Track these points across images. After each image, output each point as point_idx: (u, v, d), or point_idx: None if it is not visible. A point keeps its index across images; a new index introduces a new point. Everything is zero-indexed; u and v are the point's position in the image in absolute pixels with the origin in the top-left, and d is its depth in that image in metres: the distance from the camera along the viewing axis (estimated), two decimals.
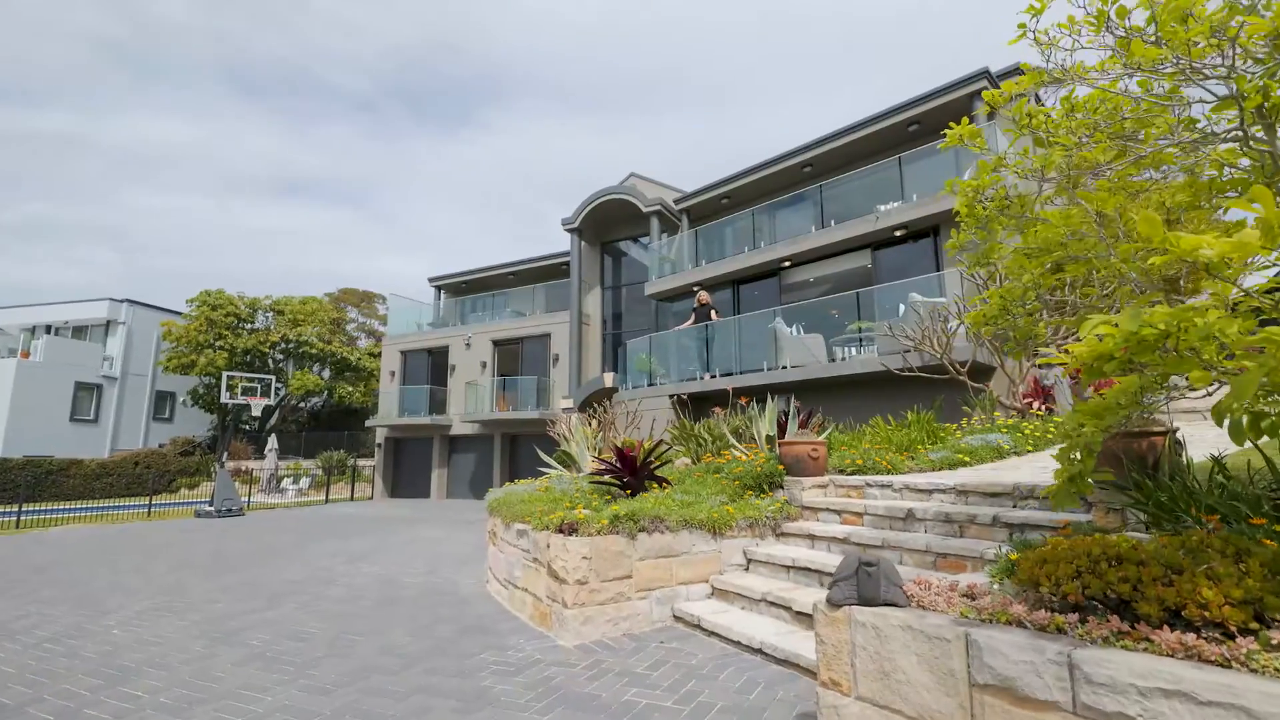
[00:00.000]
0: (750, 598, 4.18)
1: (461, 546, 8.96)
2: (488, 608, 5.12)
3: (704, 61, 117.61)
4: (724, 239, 15.28)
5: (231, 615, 5.06)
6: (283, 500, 19.74)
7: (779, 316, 10.47)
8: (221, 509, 14.74)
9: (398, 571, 6.96)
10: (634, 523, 4.38)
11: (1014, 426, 6.28)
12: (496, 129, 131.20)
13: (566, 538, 4.22)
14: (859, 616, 2.08)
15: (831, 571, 4.03)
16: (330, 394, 32.87)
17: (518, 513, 5.26)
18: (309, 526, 12.23)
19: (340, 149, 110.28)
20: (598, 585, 4.15)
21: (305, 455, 30.19)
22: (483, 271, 23.14)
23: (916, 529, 4.23)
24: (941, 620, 1.90)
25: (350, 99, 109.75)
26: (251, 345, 29.02)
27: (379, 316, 43.56)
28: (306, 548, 9.13)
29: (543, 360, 19.70)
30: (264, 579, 6.67)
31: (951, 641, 1.81)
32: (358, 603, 5.40)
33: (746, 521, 4.81)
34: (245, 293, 30.70)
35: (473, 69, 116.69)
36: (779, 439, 5.96)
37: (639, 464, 5.64)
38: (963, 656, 1.77)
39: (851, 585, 2.13)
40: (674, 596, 4.42)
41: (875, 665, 2.00)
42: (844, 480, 5.27)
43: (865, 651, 2.04)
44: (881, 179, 12.39)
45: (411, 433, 21.62)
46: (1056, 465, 2.51)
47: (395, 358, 22.70)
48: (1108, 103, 2.42)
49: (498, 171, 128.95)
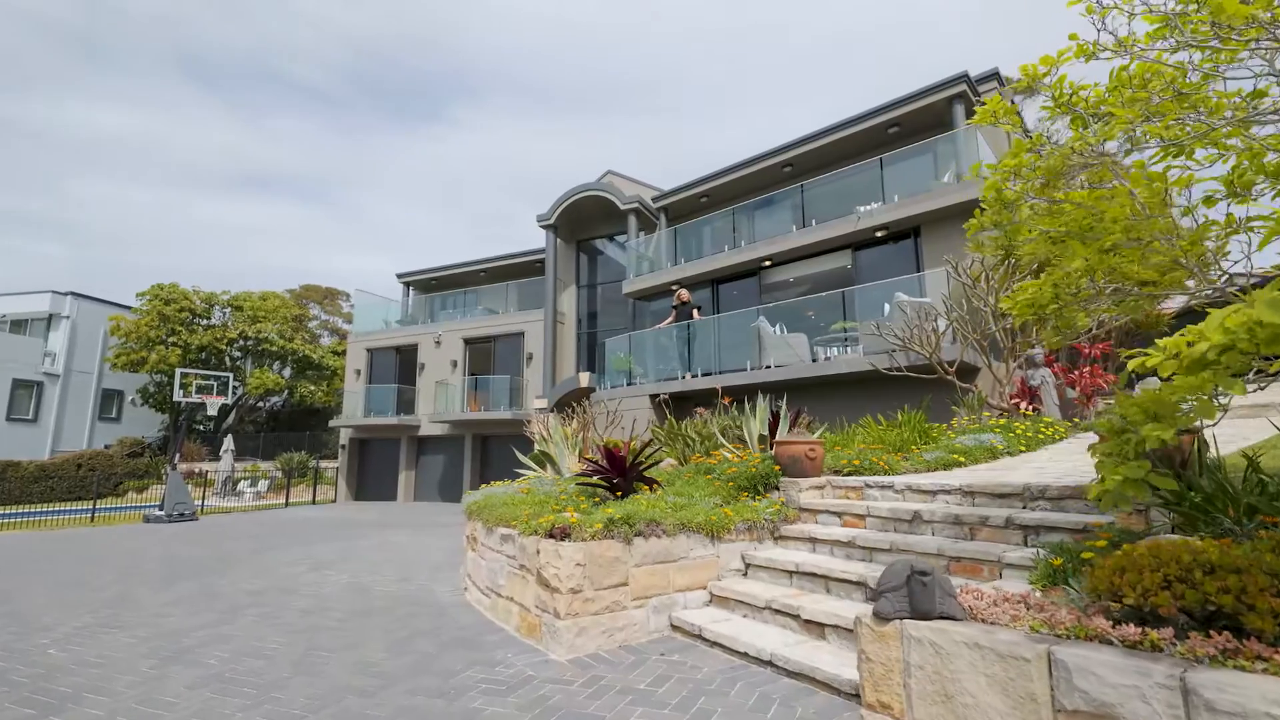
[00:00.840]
0: (753, 605, 3.97)
1: (434, 552, 8.56)
2: (469, 618, 4.79)
3: (680, 67, 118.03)
4: (703, 238, 15.14)
5: (185, 630, 4.62)
6: (239, 504, 18.85)
7: (762, 316, 10.34)
8: (173, 513, 13.93)
9: (368, 579, 6.55)
10: (629, 526, 4.13)
11: (1006, 426, 6.23)
12: (465, 126, 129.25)
13: (558, 543, 3.93)
14: (914, 632, 1.86)
15: (840, 576, 3.85)
16: (291, 393, 31.70)
17: (501, 516, 4.95)
18: (269, 531, 11.60)
19: (301, 143, 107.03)
20: (592, 594, 3.88)
21: (264, 457, 29.02)
22: (453, 268, 22.56)
23: (923, 531, 4.08)
24: (1014, 636, 1.70)
25: (312, 91, 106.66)
26: (207, 342, 27.77)
27: (343, 314, 42.28)
28: (267, 554, 8.60)
29: (516, 359, 19.26)
30: (221, 589, 6.19)
31: (1031, 661, 1.60)
32: (326, 615, 5.00)
33: (745, 524, 4.60)
34: (200, 287, 29.40)
35: (441, 64, 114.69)
36: (772, 439, 5.78)
37: (629, 465, 5.39)
38: (1045, 678, 1.57)
39: (902, 597, 1.92)
40: (671, 604, 4.18)
41: (935, 687, 1.79)
42: (842, 481, 5.11)
43: (922, 671, 1.82)
44: (862, 180, 12.40)
45: (378, 433, 20.91)
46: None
47: (361, 356, 21.94)
48: (1161, 77, 2.27)
49: (466, 170, 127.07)
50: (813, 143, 13.69)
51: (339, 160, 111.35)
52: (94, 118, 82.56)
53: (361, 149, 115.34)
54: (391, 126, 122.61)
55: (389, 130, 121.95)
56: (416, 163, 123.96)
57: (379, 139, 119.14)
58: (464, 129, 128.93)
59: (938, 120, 12.20)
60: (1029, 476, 4.49)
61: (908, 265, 11.20)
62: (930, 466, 5.57)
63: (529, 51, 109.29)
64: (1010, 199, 2.93)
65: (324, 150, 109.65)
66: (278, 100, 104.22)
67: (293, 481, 21.27)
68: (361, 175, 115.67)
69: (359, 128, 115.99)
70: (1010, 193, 2.92)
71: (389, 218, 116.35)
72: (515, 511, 4.88)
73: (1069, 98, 2.57)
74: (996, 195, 2.93)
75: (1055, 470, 4.87)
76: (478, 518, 5.57)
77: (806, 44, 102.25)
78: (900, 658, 1.88)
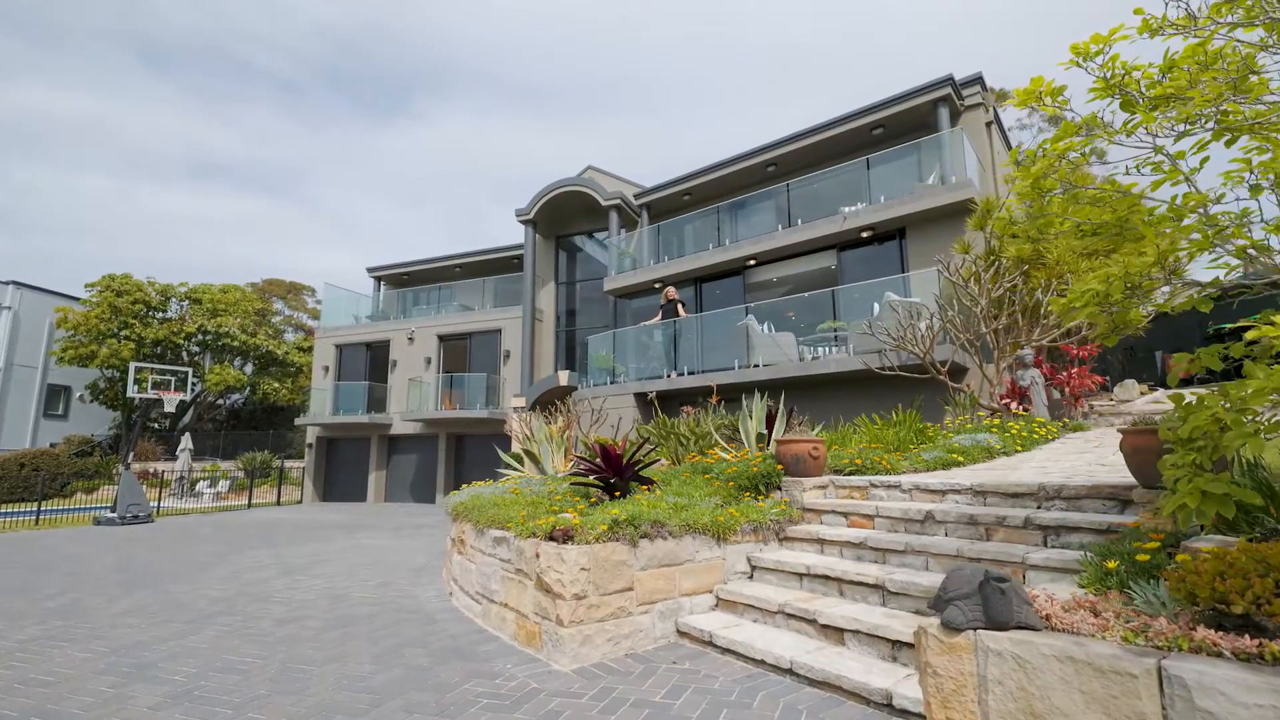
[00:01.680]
0: (764, 610, 3.80)
1: (412, 555, 8.21)
2: (460, 626, 4.51)
3: (654, 68, 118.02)
4: (686, 236, 15.00)
5: (146, 643, 4.24)
6: (198, 505, 18.01)
7: (751, 314, 10.24)
8: (126, 515, 13.18)
9: (345, 585, 6.20)
10: (634, 528, 3.92)
11: (1002, 427, 6.21)
12: (434, 120, 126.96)
13: (560, 546, 3.70)
14: (991, 644, 1.70)
15: (855, 579, 3.71)
16: (253, 390, 30.55)
17: (493, 518, 4.69)
18: (232, 534, 11.04)
19: (262, 133, 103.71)
20: (597, 599, 3.66)
21: (224, 456, 27.92)
22: (427, 263, 21.99)
23: (936, 532, 3.97)
24: (1112, 649, 1.55)
25: (273, 79, 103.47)
26: (163, 336, 26.56)
27: (308, 309, 41.04)
28: (232, 558, 8.13)
29: (492, 357, 18.84)
30: (183, 597, 5.77)
31: (1139, 677, 1.45)
32: (303, 624, 4.67)
33: (750, 526, 4.44)
34: (156, 278, 28.12)
35: (410, 55, 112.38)
36: (774, 438, 5.64)
37: (625, 464, 5.18)
38: (1155, 696, 1.42)
39: (975, 605, 1.76)
40: (677, 609, 3.99)
41: (1019, 704, 1.63)
42: (845, 481, 4.99)
43: (1002, 687, 1.66)
44: (847, 180, 12.42)
45: (347, 432, 20.24)
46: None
47: (329, 352, 21.21)
48: (1231, 56, 2.16)
49: (435, 165, 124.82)
50: (797, 143, 13.65)
51: (302, 152, 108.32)
52: (40, 101, 78.66)
53: (326, 141, 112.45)
54: (357, 118, 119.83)
55: (354, 122, 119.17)
56: (383, 157, 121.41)
57: (344, 131, 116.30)
58: (433, 123, 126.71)
59: (921, 123, 12.27)
60: (1036, 476, 4.43)
61: (892, 266, 11.24)
62: (930, 466, 5.49)
63: (502, 45, 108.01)
64: (1050, 187, 2.81)
65: (286, 141, 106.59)
66: (237, 88, 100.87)
67: (256, 482, 20.44)
68: (326, 168, 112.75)
69: (323, 119, 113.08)
70: (1050, 180, 2.81)
71: (355, 213, 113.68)
72: (508, 513, 4.63)
73: (1121, 79, 2.46)
74: (1034, 185, 2.81)
75: (1058, 470, 4.83)
76: (466, 519, 5.29)
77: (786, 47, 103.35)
78: (974, 672, 1.72)
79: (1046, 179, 2.77)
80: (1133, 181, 2.96)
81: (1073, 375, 7.06)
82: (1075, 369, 7.12)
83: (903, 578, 3.47)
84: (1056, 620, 1.75)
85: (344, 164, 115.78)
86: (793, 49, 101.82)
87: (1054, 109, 2.67)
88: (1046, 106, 2.68)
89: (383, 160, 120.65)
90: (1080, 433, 6.66)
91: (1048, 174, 2.74)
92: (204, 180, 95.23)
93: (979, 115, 12.07)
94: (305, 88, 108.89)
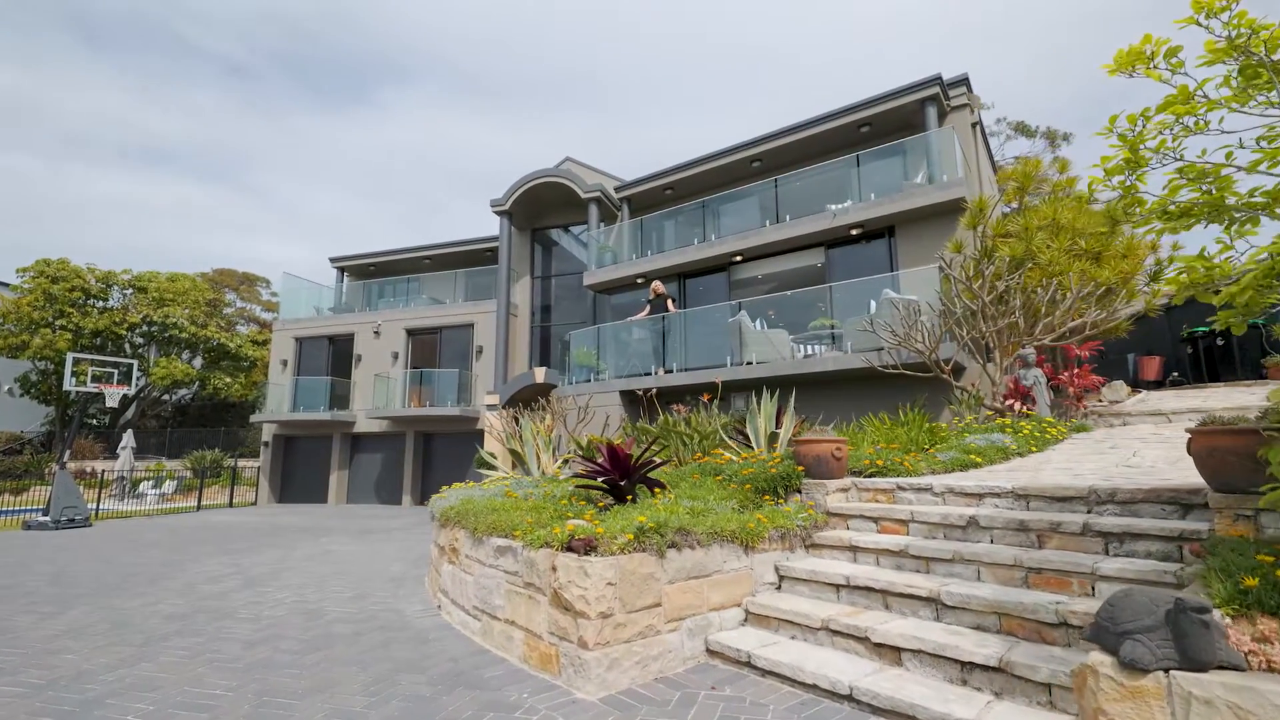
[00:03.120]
0: (804, 625, 3.48)
1: (386, 562, 7.64)
2: (458, 646, 4.06)
3: (623, 65, 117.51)
4: (668, 231, 14.68)
5: (90, 672, 3.66)
6: (141, 507, 16.81)
7: (743, 310, 9.97)
8: (60, 519, 12.12)
9: (317, 597, 5.64)
10: (660, 536, 3.55)
11: (1014, 427, 6.06)
12: (394, 111, 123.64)
13: (583, 558, 3.31)
14: (1195, 689, 1.39)
15: (904, 591, 3.41)
16: (203, 385, 28.99)
17: (494, 524, 4.25)
18: (181, 539, 10.20)
19: (209, 117, 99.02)
20: (624, 618, 3.28)
21: (170, 455, 26.38)
22: (394, 254, 21.10)
23: (981, 538, 3.71)
24: None
25: (221, 61, 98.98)
26: (103, 326, 24.93)
27: (262, 302, 39.22)
28: (184, 567, 7.42)
29: (464, 352, 18.16)
30: (131, 613, 5.14)
31: None
32: (277, 645, 4.14)
33: (778, 532, 4.12)
34: (97, 265, 26.36)
35: (369, 42, 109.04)
36: (788, 438, 5.35)
37: (634, 465, 4.81)
38: None
39: (1163, 640, 1.46)
40: (706, 626, 3.63)
41: None
42: (869, 483, 4.72)
43: None
44: (835, 177, 12.30)
45: (306, 430, 19.23)
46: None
47: (288, 345, 20.14)
48: None
49: (394, 158, 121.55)
50: (782, 138, 13.46)
51: (252, 139, 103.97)
52: None
53: (278, 129, 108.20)
54: (312, 106, 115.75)
55: (309, 110, 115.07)
56: (338, 147, 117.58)
57: (298, 119, 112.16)
58: (393, 114, 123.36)
59: (908, 122, 12.23)
60: (1068, 478, 4.24)
61: (881, 265, 11.13)
62: (947, 467, 5.29)
63: (466, 36, 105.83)
64: (1145, 162, 2.55)
65: (236, 127, 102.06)
66: (182, 69, 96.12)
67: (206, 482, 19.26)
68: (277, 156, 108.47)
69: (275, 106, 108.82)
70: (1145, 154, 2.55)
71: (307, 204, 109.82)
72: (511, 519, 4.20)
73: (1245, 40, 2.21)
74: (1131, 156, 2.55)
75: (1087, 471, 4.67)
76: (458, 525, 4.83)
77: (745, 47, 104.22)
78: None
79: (1142, 154, 2.51)
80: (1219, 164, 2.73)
81: (1075, 375, 7.01)
82: (1077, 368, 7.07)
83: (960, 590, 3.19)
84: (1260, 657, 1.46)
85: (296, 152, 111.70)
86: (752, 50, 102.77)
87: (1156, 74, 2.40)
88: (1154, 73, 2.42)
89: (337, 150, 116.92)
90: (1085, 433, 6.58)
91: (1140, 144, 2.47)
92: (145, 164, 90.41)
93: (965, 116, 12.07)
94: (255, 71, 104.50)
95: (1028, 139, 28.49)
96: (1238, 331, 2.38)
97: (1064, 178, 10.02)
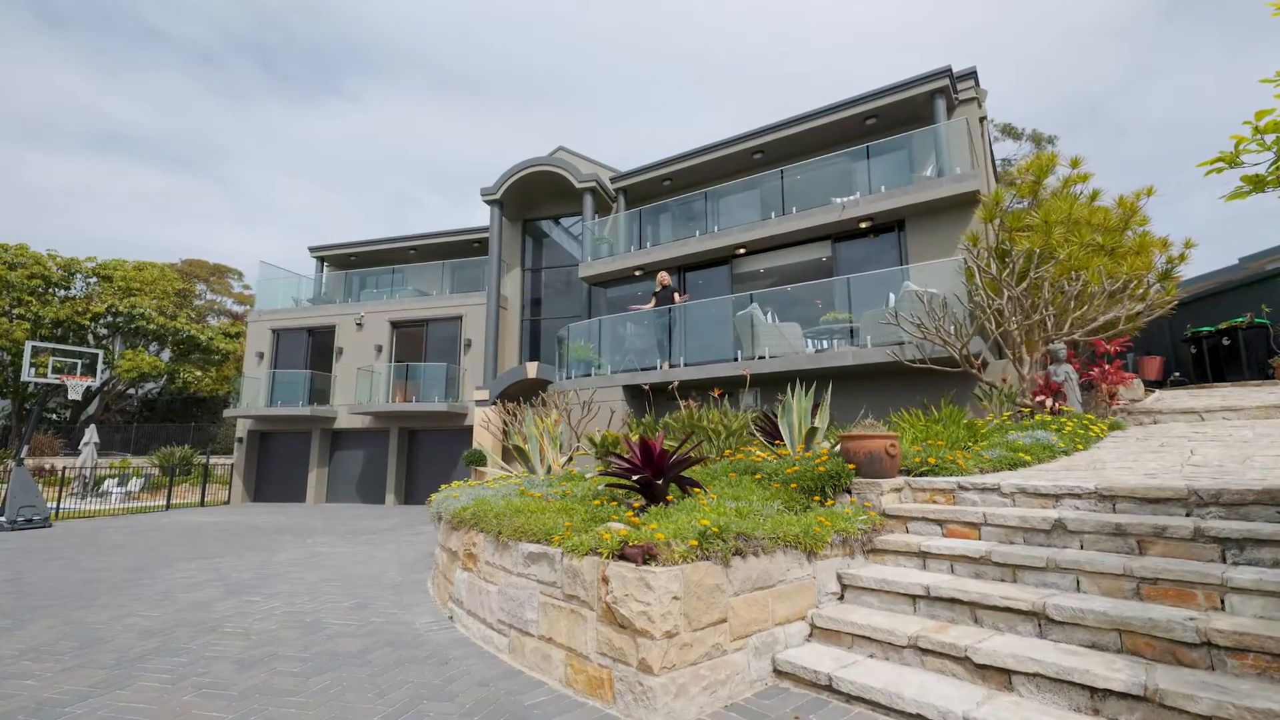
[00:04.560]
0: (886, 642, 3.10)
1: (381, 566, 7.12)
2: (485, 667, 3.60)
3: (595, 64, 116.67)
4: (665, 223, 14.29)
5: (54, 702, 3.14)
6: (106, 506, 15.88)
7: (755, 302, 9.61)
8: (17, 519, 11.29)
9: (312, 608, 5.12)
10: (723, 542, 3.14)
11: (1059, 424, 5.79)
12: (367, 103, 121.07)
13: (642, 568, 2.88)
14: None
15: (999, 604, 3.04)
16: (171, 379, 27.81)
17: (522, 528, 3.81)
18: (152, 541, 9.51)
19: (173, 104, 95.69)
20: (689, 636, 2.87)
21: (135, 451, 25.23)
22: (376, 244, 20.36)
23: (1069, 543, 3.38)
24: None
25: (187, 47, 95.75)
26: (65, 316, 23.72)
27: (234, 294, 37.93)
28: (157, 573, 6.81)
29: (452, 346, 17.54)
30: (101, 628, 4.57)
31: None
32: (274, 667, 3.63)
33: (839, 537, 3.74)
34: (58, 251, 25.09)
35: (340, 31, 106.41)
36: (833, 434, 4.98)
37: (671, 462, 4.39)
38: None
39: None
40: (772, 643, 3.24)
41: None
42: (924, 483, 4.38)
43: None
44: (841, 169, 12.03)
45: (284, 425, 18.41)
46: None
47: (265, 336, 19.27)
48: None
49: (367, 150, 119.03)
50: (786, 130, 13.15)
51: (220, 128, 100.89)
52: None
53: (246, 118, 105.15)
54: (281, 95, 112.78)
55: (278, 99, 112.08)
56: (311, 138, 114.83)
57: (267, 108, 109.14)
58: (365, 106, 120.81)
59: (915, 115, 12.00)
60: (1135, 478, 3.94)
61: (890, 259, 10.87)
62: (995, 465, 4.96)
63: (443, 27, 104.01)
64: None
65: (202, 115, 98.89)
66: (145, 54, 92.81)
67: (175, 480, 18.34)
68: (246, 146, 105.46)
69: (243, 93, 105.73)
70: None
71: (278, 195, 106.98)
72: (543, 522, 3.76)
73: None
74: None
75: (1155, 469, 4.39)
76: (476, 528, 4.37)
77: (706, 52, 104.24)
78: None
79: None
80: None
81: (1108, 371, 6.80)
82: (1109, 364, 6.86)
83: (1069, 603, 2.84)
84: None
85: (267, 143, 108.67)
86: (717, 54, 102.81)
87: None
88: None
89: (309, 142, 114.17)
90: (1121, 431, 6.35)
91: None
92: (108, 151, 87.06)
93: (973, 110, 11.89)
94: (221, 57, 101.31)
95: (1014, 141, 28.80)
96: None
97: (1076, 173, 9.84)
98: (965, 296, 7.25)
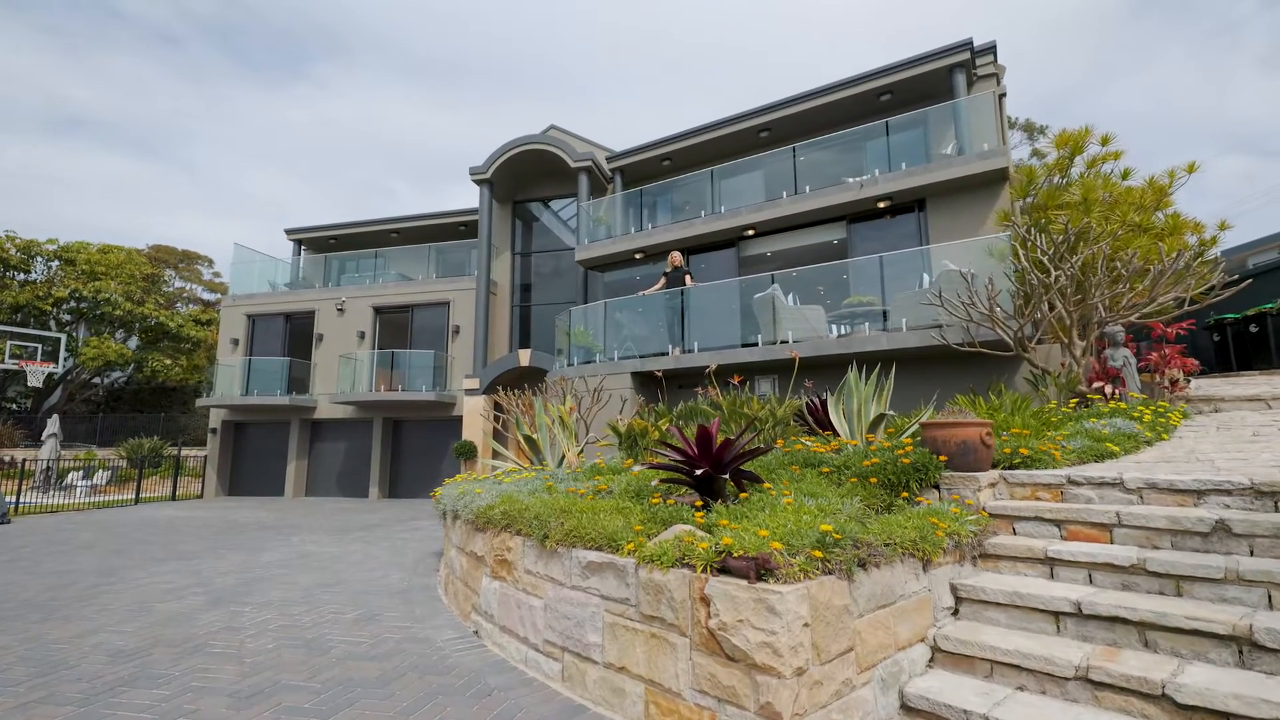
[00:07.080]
0: (1040, 671, 2.56)
1: (380, 568, 6.44)
2: (538, 701, 2.98)
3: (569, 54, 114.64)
4: (663, 204, 13.63)
5: None
6: (70, 501, 14.82)
7: (776, 283, 9.05)
8: None
9: (310, 620, 4.45)
10: (842, 550, 2.57)
11: (1138, 412, 5.33)
12: (335, 89, 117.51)
13: (759, 586, 2.30)
14: None
15: (1185, 625, 2.51)
16: (139, 368, 26.46)
17: (575, 531, 3.20)
18: (121, 539, 8.68)
19: (134, 87, 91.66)
20: (819, 672, 2.30)
21: (101, 443, 23.93)
22: (357, 226, 19.38)
23: (1235, 549, 2.88)
24: None
25: (149, 28, 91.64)
26: (25, 300, 22.30)
27: (204, 282, 36.36)
28: (128, 576, 6.06)
29: (439, 333, 16.72)
30: (66, 649, 3.86)
31: None
32: (278, 700, 2.98)
33: (951, 542, 3.20)
34: (17, 233, 23.58)
35: (307, 13, 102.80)
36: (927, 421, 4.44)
37: (733, 455, 3.81)
38: None
39: None
40: (898, 672, 2.68)
41: None
42: (1021, 476, 3.87)
43: None
44: (854, 148, 11.51)
45: (261, 415, 17.45)
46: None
47: (239, 322, 18.23)
48: None
49: (337, 136, 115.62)
50: (794, 106, 12.55)
51: (183, 112, 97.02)
52: None
53: (211, 101, 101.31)
54: (247, 79, 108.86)
55: (244, 83, 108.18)
56: (279, 123, 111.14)
57: (232, 92, 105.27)
58: (333, 91, 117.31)
59: (933, 90, 11.50)
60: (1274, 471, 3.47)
61: (910, 240, 10.40)
62: (1080, 456, 4.48)
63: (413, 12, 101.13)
64: None
65: (165, 99, 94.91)
66: (105, 34, 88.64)
67: (144, 472, 17.28)
68: (213, 131, 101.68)
69: (208, 76, 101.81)
70: None
71: (245, 181, 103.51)
72: (601, 523, 3.15)
73: None
74: None
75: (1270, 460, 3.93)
76: (511, 530, 3.75)
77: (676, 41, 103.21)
78: None
79: None
80: None
81: (1170, 356, 6.39)
82: (1169, 348, 6.45)
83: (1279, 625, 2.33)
84: None
85: (233, 128, 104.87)
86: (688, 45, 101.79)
87: None
88: None
89: (276, 127, 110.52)
90: (1189, 420, 5.94)
91: None
92: (67, 135, 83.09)
93: (991, 86, 11.43)
94: (185, 39, 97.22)
95: (1009, 129, 28.65)
96: None
97: (1108, 150, 9.44)
98: (1006, 276, 6.76)
